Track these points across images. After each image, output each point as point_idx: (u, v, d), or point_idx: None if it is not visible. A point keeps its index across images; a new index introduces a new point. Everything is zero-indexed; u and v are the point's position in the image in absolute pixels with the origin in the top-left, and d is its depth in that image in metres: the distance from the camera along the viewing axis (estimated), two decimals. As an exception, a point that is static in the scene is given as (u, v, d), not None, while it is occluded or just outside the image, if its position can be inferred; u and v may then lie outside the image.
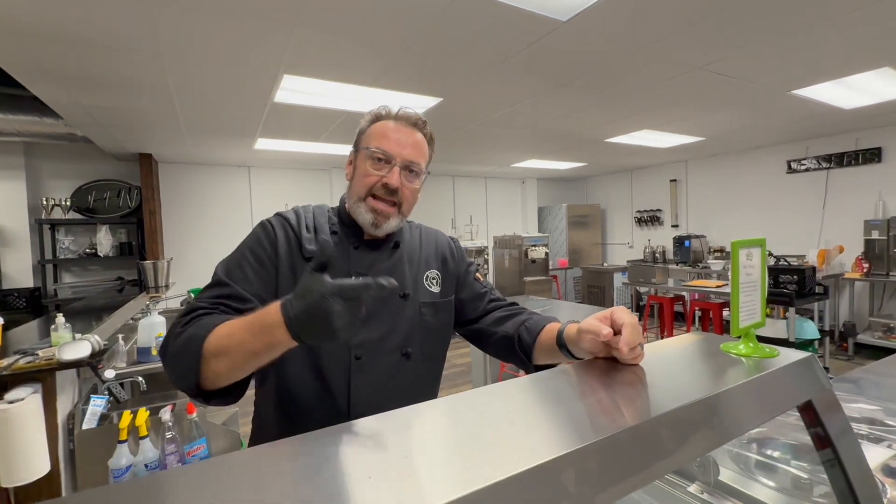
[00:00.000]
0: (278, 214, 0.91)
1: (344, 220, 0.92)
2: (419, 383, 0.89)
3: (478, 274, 1.04)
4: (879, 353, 4.46)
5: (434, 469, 0.41)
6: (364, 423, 0.50)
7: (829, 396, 0.69)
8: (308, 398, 0.81)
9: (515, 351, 0.89)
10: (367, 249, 0.90)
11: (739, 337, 0.75)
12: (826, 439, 0.67)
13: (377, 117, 0.90)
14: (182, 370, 0.65)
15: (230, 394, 0.68)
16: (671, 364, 0.73)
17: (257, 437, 0.89)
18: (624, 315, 0.69)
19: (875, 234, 4.45)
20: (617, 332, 0.67)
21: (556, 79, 2.85)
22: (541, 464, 0.40)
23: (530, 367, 0.87)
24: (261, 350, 0.61)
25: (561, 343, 0.80)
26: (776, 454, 0.99)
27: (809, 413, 0.67)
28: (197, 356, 0.63)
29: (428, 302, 0.93)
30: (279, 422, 0.84)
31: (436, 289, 0.95)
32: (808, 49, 2.51)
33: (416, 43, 2.26)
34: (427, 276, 0.95)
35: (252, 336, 0.61)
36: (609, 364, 0.71)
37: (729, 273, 4.18)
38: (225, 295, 0.76)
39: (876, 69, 2.86)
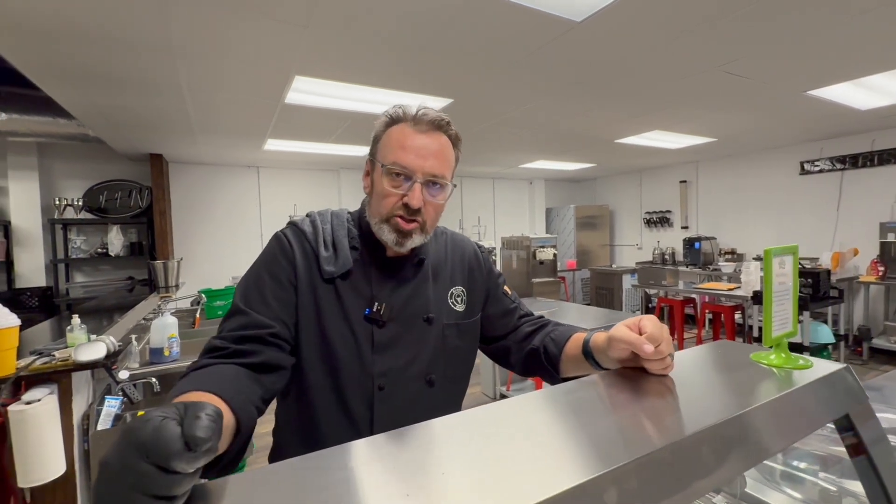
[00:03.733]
0: (293, 225, 0.84)
1: (364, 233, 0.84)
2: (442, 408, 0.85)
3: (506, 287, 0.98)
4: (895, 357, 4.38)
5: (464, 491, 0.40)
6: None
7: (867, 410, 0.67)
8: (329, 425, 0.79)
9: (542, 363, 0.85)
10: (389, 270, 0.83)
11: (770, 347, 0.73)
12: (862, 448, 0.65)
13: (393, 120, 0.79)
14: None
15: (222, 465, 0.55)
16: (702, 375, 0.71)
17: (276, 456, 0.86)
18: (653, 325, 0.67)
19: (891, 237, 4.38)
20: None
21: (568, 79, 2.83)
22: (572, 487, 0.39)
23: (557, 379, 0.84)
24: None
25: (587, 352, 0.78)
26: (802, 465, 0.96)
27: (847, 426, 0.65)
28: None
29: (452, 324, 0.87)
30: (299, 445, 0.81)
31: (460, 307, 0.89)
32: (825, 49, 2.47)
33: (427, 44, 2.25)
34: (452, 294, 0.89)
35: None
36: (637, 374, 0.70)
37: (741, 276, 4.15)
38: (244, 325, 0.72)
39: (894, 69, 2.80)
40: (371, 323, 0.79)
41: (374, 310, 0.79)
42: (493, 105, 3.35)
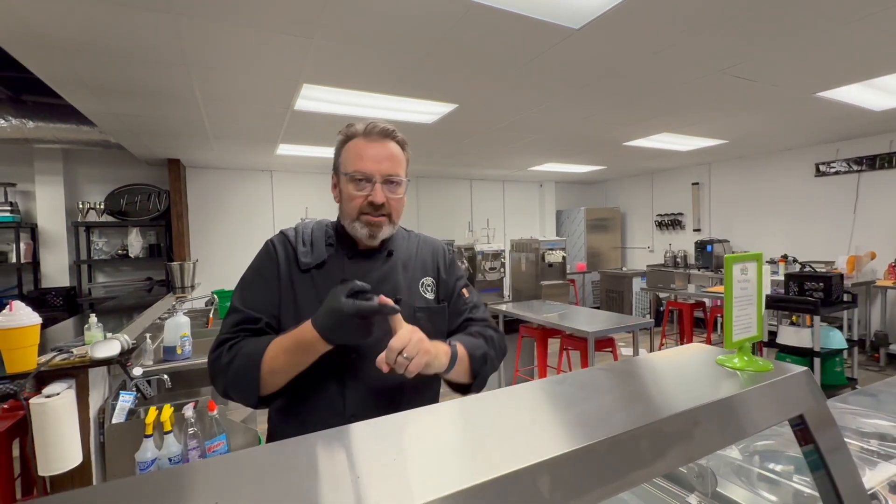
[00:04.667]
0: (281, 232, 1.00)
1: (340, 233, 0.98)
2: (416, 386, 0.92)
3: (465, 290, 1.06)
4: (914, 364, 4.27)
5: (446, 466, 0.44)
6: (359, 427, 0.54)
7: (822, 411, 0.69)
8: (306, 401, 0.88)
9: None
10: (361, 259, 0.96)
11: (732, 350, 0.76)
12: (818, 454, 0.67)
13: (348, 136, 0.95)
14: (246, 391, 0.84)
15: (280, 395, 0.86)
16: (665, 375, 0.75)
17: (271, 438, 0.96)
18: (401, 330, 0.79)
19: (910, 241, 4.27)
20: None
21: (571, 84, 2.85)
22: (529, 465, 0.43)
23: (453, 385, 0.95)
24: (306, 360, 0.82)
25: None
26: (779, 468, 0.98)
27: (801, 427, 0.68)
28: (257, 379, 0.82)
29: (423, 307, 0.97)
30: (282, 422, 0.92)
31: (430, 295, 1.00)
32: (832, 51, 2.45)
33: (431, 51, 2.31)
34: (423, 283, 1.00)
35: (294, 354, 0.81)
36: (604, 374, 0.74)
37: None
38: (240, 321, 0.89)
39: (906, 70, 2.76)
40: None
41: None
42: (498, 109, 3.39)
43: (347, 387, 0.87)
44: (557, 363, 3.58)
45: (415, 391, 0.91)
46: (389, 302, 0.79)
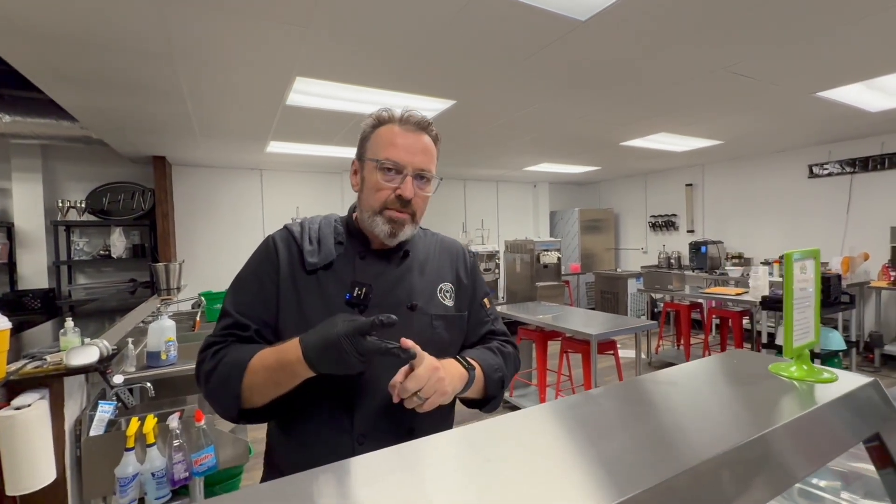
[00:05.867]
0: (285, 228, 0.90)
1: (351, 230, 0.89)
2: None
3: (486, 300, 0.98)
4: (908, 365, 4.29)
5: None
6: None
7: (898, 427, 0.61)
8: (310, 419, 0.79)
9: None
10: (373, 259, 0.87)
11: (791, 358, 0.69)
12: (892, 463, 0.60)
13: (380, 121, 0.85)
14: (225, 403, 0.76)
15: (267, 413, 0.78)
16: (717, 389, 0.66)
17: (269, 455, 0.86)
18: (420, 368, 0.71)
19: (903, 242, 4.29)
20: None
21: (572, 80, 2.79)
22: None
23: (468, 403, 0.88)
24: (285, 383, 0.72)
25: None
26: (822, 483, 0.91)
27: (877, 447, 0.60)
28: (237, 392, 0.74)
29: (441, 315, 0.88)
30: (283, 440, 0.82)
31: (449, 302, 0.91)
32: (835, 49, 2.42)
33: (430, 45, 2.22)
34: (441, 289, 0.91)
35: (275, 372, 0.72)
36: (645, 386, 0.65)
37: (749, 280, 4.08)
38: (230, 325, 0.81)
39: (908, 70, 2.74)
40: (352, 307, 0.81)
41: (355, 294, 0.81)
42: (496, 107, 3.31)
43: (356, 405, 0.78)
44: (558, 366, 3.51)
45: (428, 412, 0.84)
46: (412, 346, 0.69)
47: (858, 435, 0.58)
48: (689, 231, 6.58)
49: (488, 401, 0.87)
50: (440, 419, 0.86)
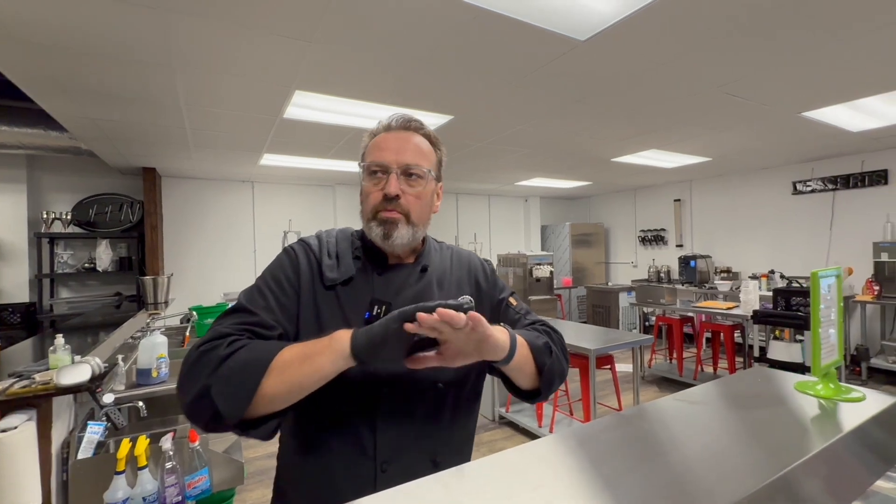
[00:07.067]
0: (302, 240, 0.87)
1: (367, 244, 0.86)
2: (453, 418, 0.81)
3: (511, 298, 0.95)
4: (893, 377, 4.37)
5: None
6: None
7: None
8: (329, 441, 0.75)
9: (495, 371, 0.79)
10: (392, 274, 0.83)
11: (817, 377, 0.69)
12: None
13: (373, 133, 0.86)
14: (236, 394, 0.63)
15: (269, 424, 0.68)
16: (748, 411, 0.66)
17: (280, 481, 0.82)
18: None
19: (885, 257, 4.41)
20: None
21: (569, 97, 2.83)
22: None
23: (515, 388, 0.81)
24: (316, 374, 0.65)
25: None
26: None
27: (908, 466, 0.60)
28: (255, 385, 0.63)
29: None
30: (298, 461, 0.78)
31: None
32: (823, 71, 2.51)
33: (430, 60, 2.24)
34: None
35: (308, 362, 0.65)
36: (675, 409, 0.64)
37: (740, 294, 4.14)
38: (251, 322, 0.72)
39: (890, 91, 2.85)
40: None
41: (374, 312, 0.77)
42: (492, 123, 3.35)
43: (378, 428, 0.74)
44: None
45: (450, 432, 0.80)
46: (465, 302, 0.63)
47: (892, 455, 0.58)
48: (678, 245, 6.68)
49: (540, 370, 0.78)
50: (462, 443, 0.83)
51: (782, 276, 5.05)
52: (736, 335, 4.38)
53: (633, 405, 3.36)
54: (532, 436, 3.29)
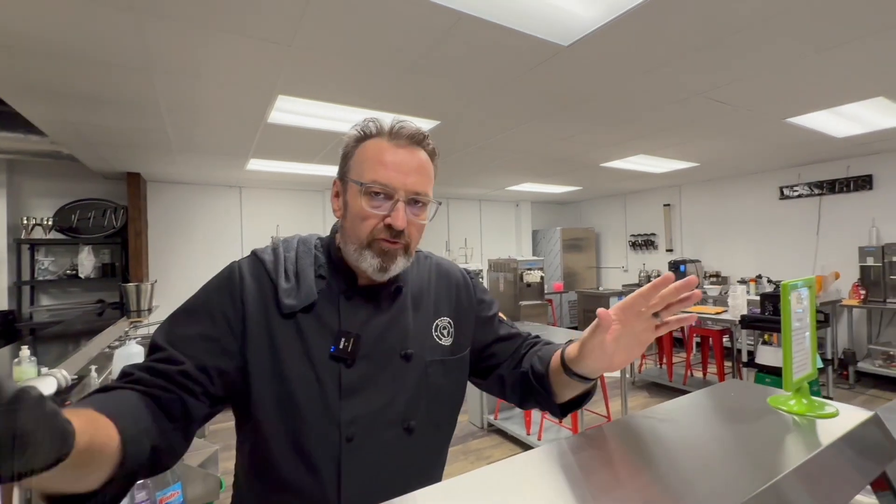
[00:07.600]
0: (254, 255, 0.75)
1: (334, 261, 0.76)
2: (423, 459, 0.75)
3: (501, 314, 0.90)
4: (880, 381, 4.39)
5: None
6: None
7: (903, 465, 0.59)
8: (291, 483, 0.68)
9: (533, 386, 0.76)
10: (361, 299, 0.74)
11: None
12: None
13: (366, 134, 0.72)
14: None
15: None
16: (719, 427, 0.63)
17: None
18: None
19: (870, 261, 4.45)
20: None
21: (555, 103, 2.83)
22: None
23: (553, 403, 0.75)
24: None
25: (563, 361, 0.70)
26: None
27: (882, 485, 0.58)
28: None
29: (437, 360, 0.77)
30: (260, 483, 0.71)
31: (447, 341, 0.79)
32: (807, 78, 2.52)
33: (415, 65, 2.22)
34: (437, 326, 0.79)
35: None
36: (644, 426, 0.62)
37: (728, 299, 4.15)
38: (157, 359, 0.63)
39: (871, 98, 2.88)
40: (338, 362, 0.69)
41: (341, 346, 0.69)
42: (480, 128, 3.34)
43: (344, 473, 0.67)
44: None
45: (422, 472, 0.74)
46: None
47: (868, 473, 0.56)
48: (668, 250, 6.70)
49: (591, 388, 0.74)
50: (435, 480, 0.78)
51: (770, 281, 5.07)
52: (725, 340, 4.39)
53: (622, 412, 3.34)
54: (521, 443, 3.25)
